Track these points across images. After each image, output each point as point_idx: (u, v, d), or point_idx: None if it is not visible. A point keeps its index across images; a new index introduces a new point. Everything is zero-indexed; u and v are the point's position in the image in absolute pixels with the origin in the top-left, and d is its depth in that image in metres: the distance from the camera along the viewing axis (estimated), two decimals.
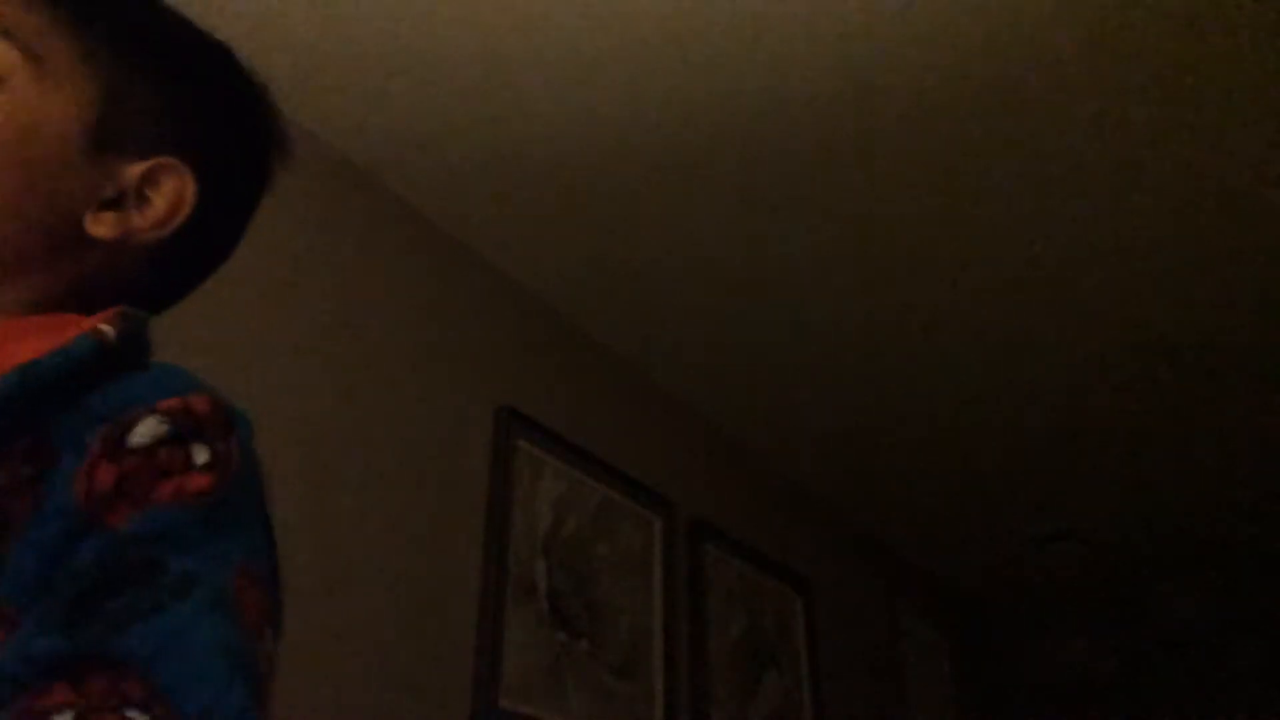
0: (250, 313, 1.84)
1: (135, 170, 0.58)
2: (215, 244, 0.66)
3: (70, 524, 0.42)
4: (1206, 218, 2.35)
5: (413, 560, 1.99)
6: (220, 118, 0.65)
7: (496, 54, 1.91)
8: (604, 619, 2.43)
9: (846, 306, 2.64)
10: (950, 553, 4.05)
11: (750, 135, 2.10)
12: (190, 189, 0.60)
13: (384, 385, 2.07)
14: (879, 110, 2.04)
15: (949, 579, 4.30)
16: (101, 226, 0.56)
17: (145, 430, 0.45)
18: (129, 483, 0.44)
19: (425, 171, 2.19)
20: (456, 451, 2.19)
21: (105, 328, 0.49)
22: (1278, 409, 3.11)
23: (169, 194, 0.58)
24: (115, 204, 0.57)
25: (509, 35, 1.87)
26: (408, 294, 2.21)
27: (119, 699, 0.38)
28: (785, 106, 2.03)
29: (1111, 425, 3.20)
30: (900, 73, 1.96)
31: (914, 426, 3.20)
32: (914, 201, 2.29)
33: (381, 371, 2.08)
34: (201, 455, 0.46)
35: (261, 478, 0.51)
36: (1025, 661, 4.42)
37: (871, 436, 3.25)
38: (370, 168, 2.18)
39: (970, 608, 4.46)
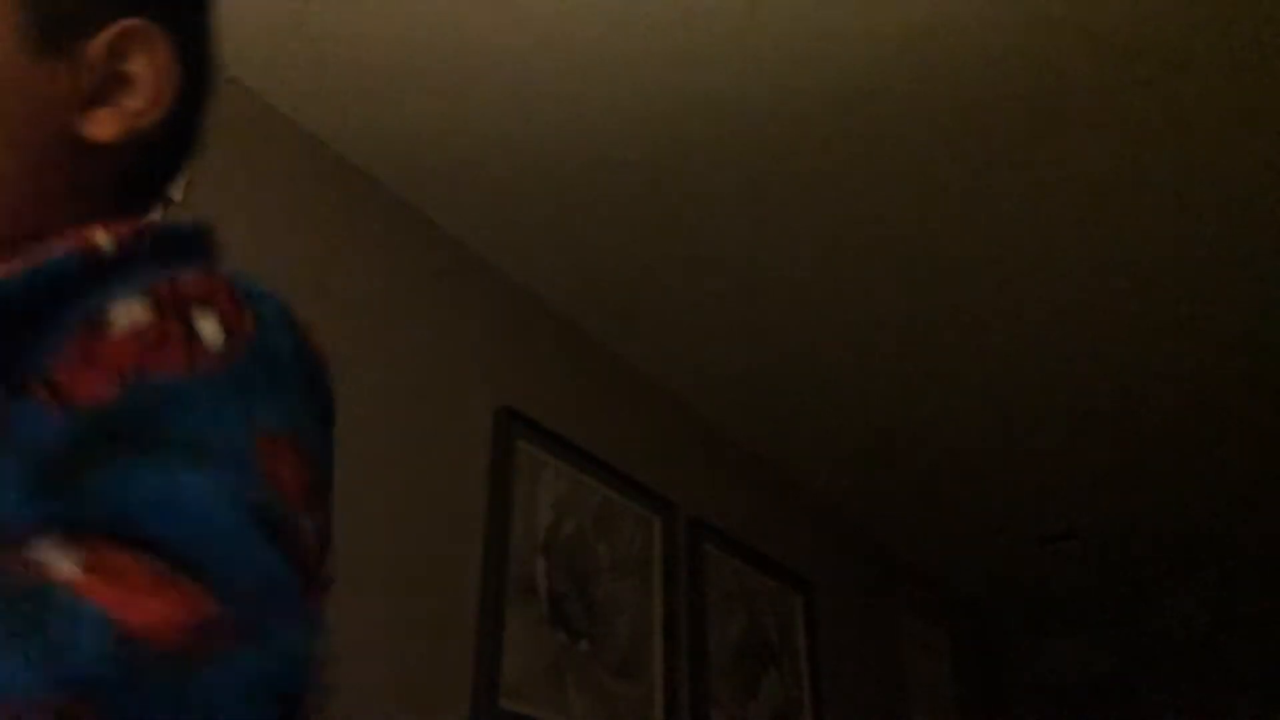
0: None
1: (97, 46, 0.49)
2: (198, 115, 0.56)
3: (39, 414, 0.36)
4: (1209, 219, 2.35)
5: (413, 560, 1.99)
6: None
7: (497, 54, 1.91)
8: (604, 619, 2.43)
9: (846, 306, 2.64)
10: (950, 553, 4.05)
11: (750, 136, 2.10)
12: (166, 51, 0.51)
13: (384, 385, 2.07)
14: (882, 112, 2.04)
15: (949, 579, 4.29)
16: (100, 127, 0.49)
17: (124, 314, 0.39)
18: (107, 356, 0.37)
19: (425, 171, 2.19)
20: (456, 451, 2.19)
21: (101, 238, 0.43)
22: (1278, 409, 3.11)
23: (148, 64, 0.50)
24: (101, 97, 0.49)
25: (509, 36, 1.87)
26: (408, 294, 2.21)
27: (124, 546, 0.31)
28: (788, 107, 2.03)
29: (1112, 425, 3.20)
30: (904, 73, 1.96)
31: (914, 426, 3.20)
32: (915, 203, 2.29)
33: (382, 372, 2.08)
34: (211, 329, 0.39)
35: (308, 352, 0.44)
36: (1025, 661, 4.42)
37: (871, 436, 3.25)
38: (371, 168, 2.18)
39: (970, 608, 4.46)
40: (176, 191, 1.75)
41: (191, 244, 0.48)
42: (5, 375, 0.38)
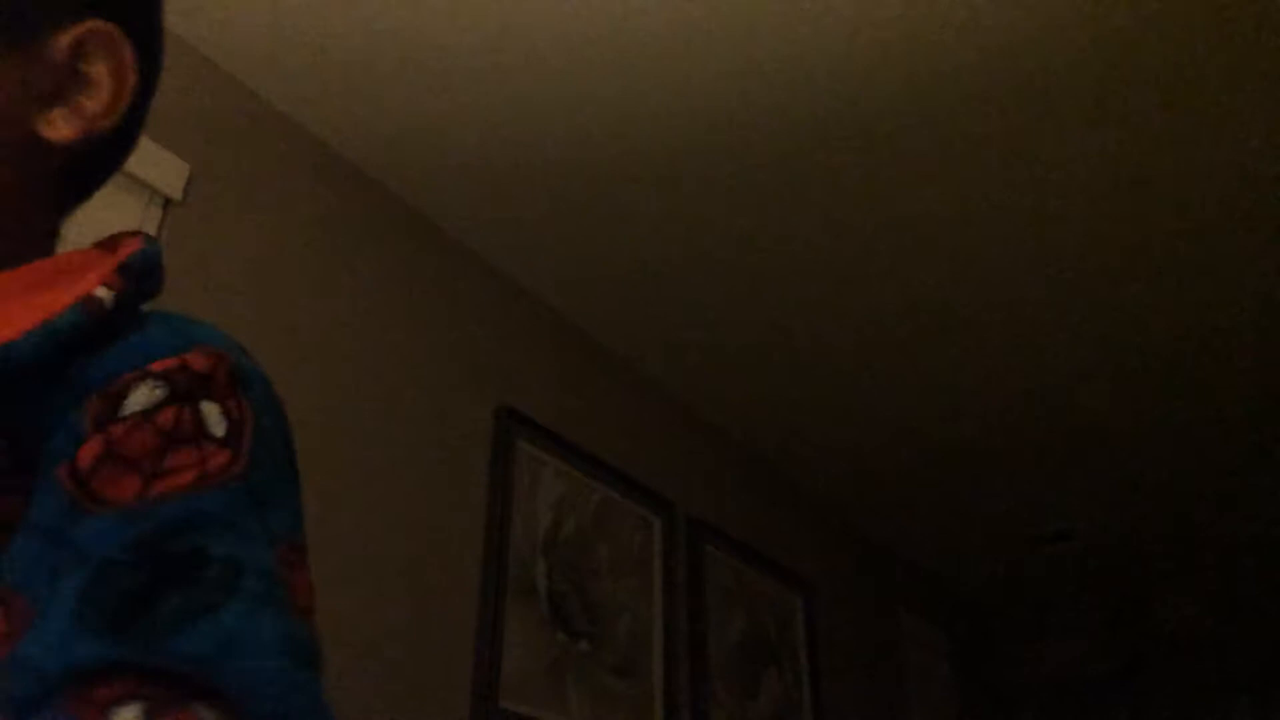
0: (248, 312, 1.84)
1: (60, 45, 0.49)
2: (144, 114, 0.56)
3: (64, 504, 0.39)
4: (1208, 218, 2.35)
5: (413, 560, 1.99)
6: None
7: (497, 54, 1.91)
8: (604, 619, 2.43)
9: (845, 306, 2.64)
10: (950, 553, 4.05)
11: (750, 136, 2.10)
12: (128, 54, 0.50)
13: (384, 385, 2.07)
14: (879, 110, 2.04)
15: (949, 579, 4.29)
16: (57, 128, 0.49)
17: (138, 399, 0.41)
18: (123, 449, 0.39)
19: (425, 171, 2.19)
20: (456, 451, 2.19)
21: (101, 293, 0.44)
22: (1277, 409, 3.11)
23: (108, 67, 0.50)
24: (57, 97, 0.49)
25: (509, 36, 1.87)
26: (408, 294, 2.21)
27: (183, 696, 0.35)
28: (786, 107, 2.03)
29: (1111, 425, 3.20)
30: (901, 72, 1.96)
31: (914, 427, 3.20)
32: (914, 202, 2.29)
33: (382, 372, 2.08)
34: (215, 419, 0.42)
35: (287, 430, 0.47)
36: (1025, 661, 4.42)
37: (871, 436, 3.25)
38: (370, 168, 2.18)
39: (970, 608, 4.46)
40: (176, 191, 1.75)
41: (157, 271, 0.49)
42: (19, 440, 0.40)
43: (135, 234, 0.51)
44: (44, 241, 0.52)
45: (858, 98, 2.01)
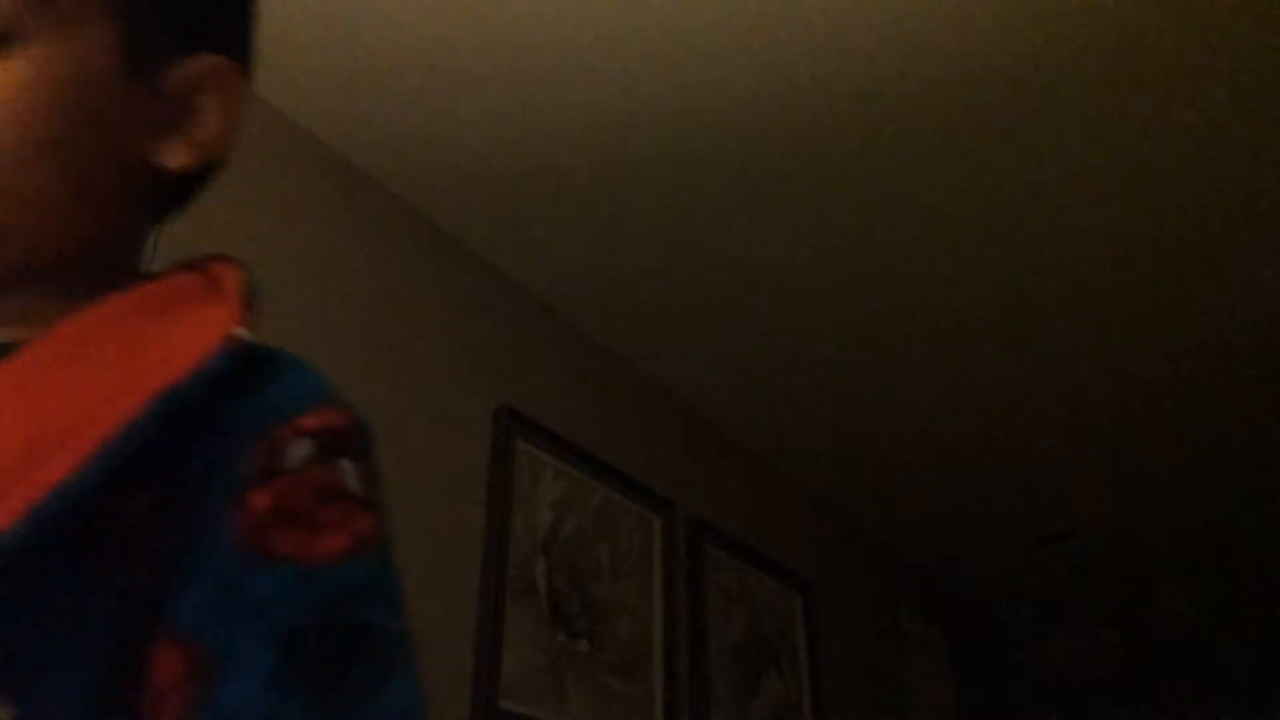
0: None
1: (180, 76, 0.51)
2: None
3: (236, 552, 0.41)
4: (1206, 218, 2.35)
5: (413, 560, 1.99)
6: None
7: (497, 54, 1.91)
8: (604, 619, 2.43)
9: (846, 306, 2.64)
10: (950, 553, 4.05)
11: (750, 135, 2.10)
12: (243, 88, 0.53)
13: (384, 385, 2.07)
14: (880, 111, 2.04)
15: (949, 579, 4.29)
16: (173, 157, 0.51)
17: (295, 454, 0.44)
18: (289, 504, 0.42)
19: (425, 171, 2.19)
20: (456, 451, 2.19)
21: (243, 334, 0.46)
22: (1277, 408, 3.11)
23: (223, 98, 0.52)
24: (174, 127, 0.51)
25: (509, 35, 1.87)
26: (407, 294, 2.21)
27: None
28: (785, 107, 2.03)
29: (1111, 425, 3.20)
30: (901, 73, 1.96)
31: (914, 426, 3.20)
32: (913, 202, 2.29)
33: (381, 371, 2.08)
34: (353, 478, 0.46)
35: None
36: (1025, 661, 4.42)
37: (871, 436, 3.25)
38: (370, 168, 2.18)
39: (970, 608, 4.46)
40: None
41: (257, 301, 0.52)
42: (173, 477, 0.42)
43: (225, 259, 0.54)
44: (137, 258, 0.54)
45: (858, 100, 2.01)
